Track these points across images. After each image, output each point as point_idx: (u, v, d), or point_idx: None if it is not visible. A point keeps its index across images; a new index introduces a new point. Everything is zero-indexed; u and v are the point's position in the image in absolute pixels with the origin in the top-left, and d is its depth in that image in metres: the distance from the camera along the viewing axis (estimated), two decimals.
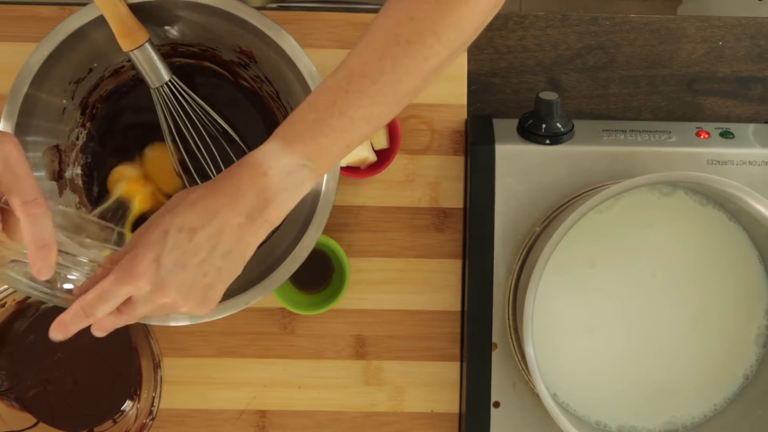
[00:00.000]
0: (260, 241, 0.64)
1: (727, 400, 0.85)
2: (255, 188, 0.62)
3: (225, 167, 0.86)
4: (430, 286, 0.91)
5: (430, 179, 0.91)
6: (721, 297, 0.85)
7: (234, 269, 0.64)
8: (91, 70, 0.84)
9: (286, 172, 0.63)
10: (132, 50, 0.80)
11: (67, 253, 0.64)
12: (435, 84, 0.90)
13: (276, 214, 0.63)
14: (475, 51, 0.92)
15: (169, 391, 0.90)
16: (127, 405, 0.89)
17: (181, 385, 0.91)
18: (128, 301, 0.62)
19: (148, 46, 0.80)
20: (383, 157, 0.89)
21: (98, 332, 0.64)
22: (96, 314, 0.61)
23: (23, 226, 0.60)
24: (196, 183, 0.87)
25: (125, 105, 0.89)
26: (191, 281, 0.61)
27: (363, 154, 0.86)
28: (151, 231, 0.61)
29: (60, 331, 0.62)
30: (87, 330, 0.88)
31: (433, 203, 0.91)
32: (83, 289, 0.63)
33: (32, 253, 0.60)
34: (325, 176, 0.79)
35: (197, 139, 0.87)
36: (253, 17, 0.79)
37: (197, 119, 0.86)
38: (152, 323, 0.82)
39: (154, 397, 0.87)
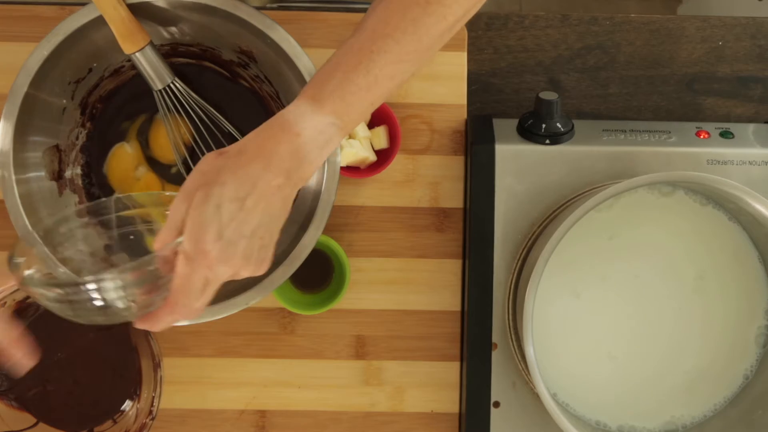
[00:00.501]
0: (294, 196, 0.66)
1: (727, 400, 0.85)
2: (290, 149, 0.64)
3: None
4: (430, 286, 0.91)
5: (430, 179, 0.91)
6: (721, 297, 0.85)
7: (279, 226, 0.66)
8: (91, 70, 0.84)
9: (317, 131, 0.65)
10: (134, 53, 0.80)
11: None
12: (435, 84, 0.90)
13: (309, 171, 0.66)
14: (475, 51, 0.92)
15: (169, 391, 0.90)
16: (127, 405, 0.89)
17: (181, 385, 0.91)
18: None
19: (149, 48, 0.80)
20: (383, 157, 0.89)
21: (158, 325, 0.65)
22: (185, 307, 0.63)
23: None
24: None
25: (125, 104, 0.89)
26: (251, 247, 0.63)
27: (363, 154, 0.86)
28: (202, 207, 0.62)
29: (145, 327, 0.65)
30: (87, 330, 0.88)
31: (433, 203, 0.91)
32: (146, 294, 0.64)
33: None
34: (325, 176, 0.79)
35: (200, 141, 0.87)
36: (253, 17, 0.79)
37: (199, 120, 0.86)
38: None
39: (154, 397, 0.87)
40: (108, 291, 0.63)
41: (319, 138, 0.65)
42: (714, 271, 0.85)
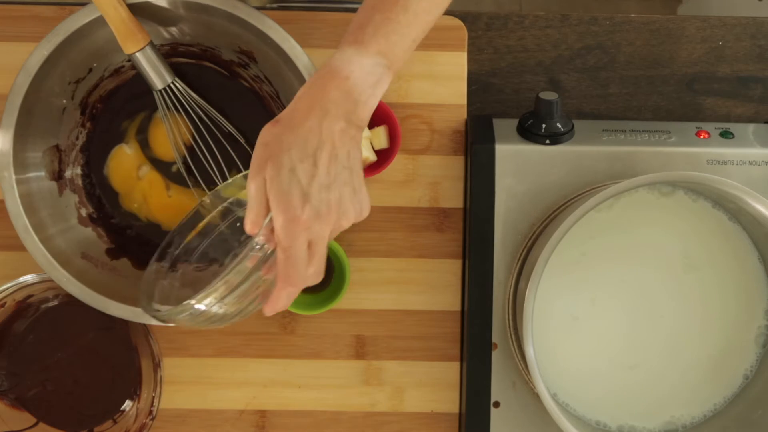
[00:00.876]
0: (360, 138, 0.66)
1: (727, 400, 0.85)
2: (341, 93, 0.64)
3: (227, 167, 0.87)
4: (430, 286, 0.91)
5: (430, 179, 0.91)
6: (721, 297, 0.85)
7: (359, 165, 0.66)
8: (91, 70, 0.84)
9: (365, 72, 0.65)
10: (134, 53, 0.80)
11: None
12: (435, 84, 0.90)
13: (365, 112, 0.66)
14: (475, 51, 0.92)
15: (169, 391, 0.90)
16: (127, 405, 0.89)
17: (181, 385, 0.91)
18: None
19: (149, 48, 0.80)
20: (383, 157, 0.89)
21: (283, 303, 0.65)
22: (297, 277, 0.63)
23: None
24: (198, 183, 0.88)
25: (125, 104, 0.89)
26: (340, 196, 0.63)
27: (363, 154, 0.86)
28: (278, 178, 0.62)
29: (273, 311, 0.65)
30: (87, 330, 0.88)
31: (433, 203, 0.91)
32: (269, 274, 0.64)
33: None
34: None
35: (200, 141, 0.87)
36: (253, 17, 0.79)
37: (199, 120, 0.86)
38: (152, 323, 0.82)
39: (154, 397, 0.87)
40: (226, 301, 0.65)
41: (368, 78, 0.65)
42: (714, 271, 0.85)
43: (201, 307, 0.66)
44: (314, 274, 0.64)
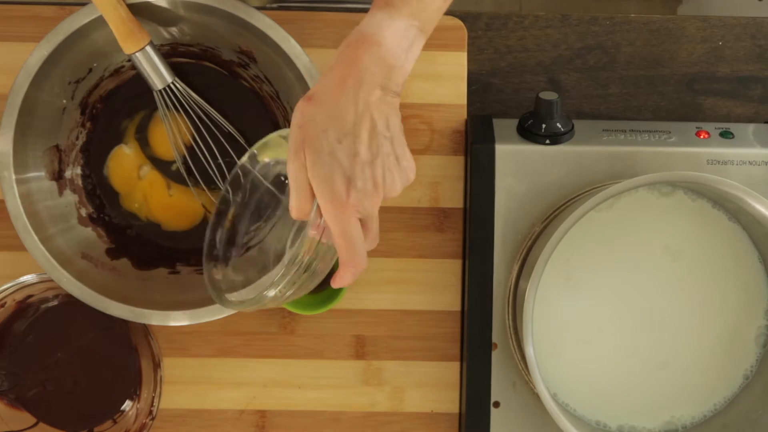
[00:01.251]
0: (398, 104, 0.64)
1: (727, 400, 0.85)
2: (376, 60, 0.62)
3: (227, 167, 0.87)
4: (430, 286, 0.91)
5: (430, 179, 0.91)
6: (721, 297, 0.85)
7: (400, 128, 0.64)
8: (91, 70, 0.84)
9: (398, 36, 0.64)
10: (134, 53, 0.80)
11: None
12: (435, 84, 0.90)
13: (400, 77, 0.64)
14: (475, 51, 0.92)
15: (169, 391, 0.90)
16: (127, 405, 0.89)
17: (181, 385, 0.91)
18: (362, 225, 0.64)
19: (149, 48, 0.80)
20: None
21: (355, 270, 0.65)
22: (358, 254, 0.62)
23: None
24: (198, 183, 0.88)
25: (125, 103, 0.89)
26: (387, 167, 0.62)
27: None
28: (317, 164, 0.60)
29: (340, 285, 0.65)
30: (87, 330, 0.88)
31: (433, 203, 0.91)
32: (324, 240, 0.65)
33: None
34: None
35: (200, 141, 0.87)
36: (253, 17, 0.79)
37: (199, 120, 0.86)
38: (152, 323, 0.82)
39: (154, 397, 0.87)
40: (287, 285, 0.66)
41: (402, 42, 0.64)
42: (714, 271, 0.85)
43: (270, 295, 0.67)
44: (371, 243, 0.64)
